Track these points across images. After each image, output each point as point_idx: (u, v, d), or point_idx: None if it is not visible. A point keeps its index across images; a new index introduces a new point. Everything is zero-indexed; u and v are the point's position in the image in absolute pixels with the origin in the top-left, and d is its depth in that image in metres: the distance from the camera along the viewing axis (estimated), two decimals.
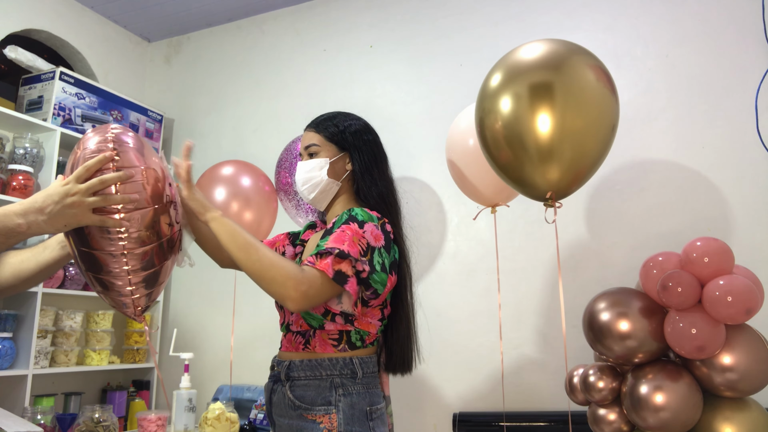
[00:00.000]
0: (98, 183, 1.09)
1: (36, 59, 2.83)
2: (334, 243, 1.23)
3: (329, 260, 1.21)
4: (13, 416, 1.34)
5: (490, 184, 2.00)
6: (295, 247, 1.56)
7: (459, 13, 2.81)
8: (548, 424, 2.23)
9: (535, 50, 1.57)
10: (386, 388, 1.49)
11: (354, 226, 1.27)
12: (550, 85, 1.49)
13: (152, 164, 1.17)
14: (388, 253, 1.31)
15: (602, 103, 1.52)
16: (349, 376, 1.29)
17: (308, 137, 1.46)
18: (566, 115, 1.47)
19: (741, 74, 2.25)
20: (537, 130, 1.48)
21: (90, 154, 1.11)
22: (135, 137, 1.18)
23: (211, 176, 2.33)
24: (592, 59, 1.56)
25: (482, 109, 1.63)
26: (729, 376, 1.57)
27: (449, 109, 2.56)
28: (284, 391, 1.31)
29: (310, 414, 1.26)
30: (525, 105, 1.51)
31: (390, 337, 1.40)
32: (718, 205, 2.21)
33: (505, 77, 1.57)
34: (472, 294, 2.53)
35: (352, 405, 1.28)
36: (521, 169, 1.56)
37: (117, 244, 1.10)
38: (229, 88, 3.34)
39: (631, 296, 1.74)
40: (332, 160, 1.42)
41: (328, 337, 1.31)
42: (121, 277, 1.12)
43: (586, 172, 1.57)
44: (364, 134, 1.46)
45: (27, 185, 2.57)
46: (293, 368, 1.31)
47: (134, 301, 1.15)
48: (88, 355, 2.78)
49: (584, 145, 1.51)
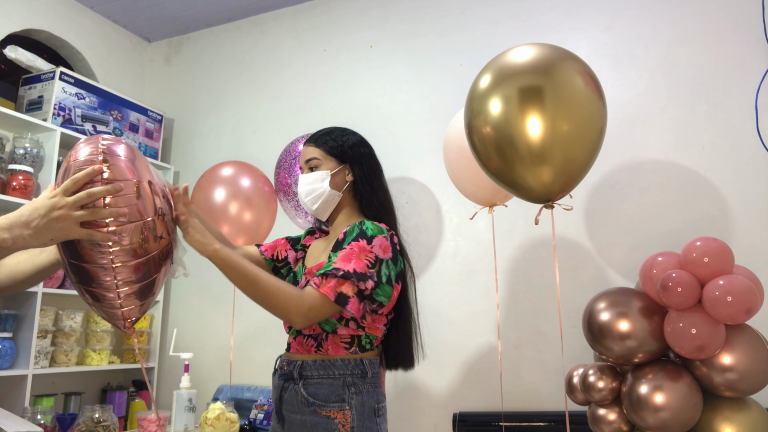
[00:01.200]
0: (86, 196, 1.06)
1: (36, 59, 2.84)
2: (341, 263, 1.30)
3: (332, 283, 1.28)
4: (13, 416, 1.34)
5: (487, 184, 2.00)
6: (296, 252, 1.62)
7: (459, 13, 2.81)
8: (548, 424, 2.23)
9: (525, 54, 1.58)
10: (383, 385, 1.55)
11: (362, 242, 1.34)
12: (540, 88, 1.51)
13: (145, 175, 1.15)
14: (395, 265, 1.38)
15: (591, 107, 1.54)
16: (360, 375, 1.38)
17: (308, 152, 1.52)
18: (557, 118, 1.49)
19: (741, 74, 2.25)
20: (527, 133, 1.50)
21: (80, 165, 1.08)
22: (127, 148, 1.15)
23: (210, 177, 2.33)
24: (580, 65, 1.58)
25: (471, 110, 1.64)
26: (729, 376, 1.57)
27: (449, 109, 2.56)
28: (297, 389, 1.37)
29: (324, 410, 1.34)
30: (515, 107, 1.52)
31: (393, 335, 1.46)
32: (718, 205, 2.21)
33: (495, 79, 1.58)
34: (472, 294, 2.52)
35: (363, 402, 1.36)
36: (512, 172, 1.57)
37: (107, 257, 1.07)
38: (229, 88, 3.34)
39: (631, 296, 1.74)
40: (333, 172, 1.49)
41: (341, 340, 1.38)
42: (112, 289, 1.10)
43: (578, 174, 1.58)
44: (361, 147, 1.54)
45: (27, 185, 2.57)
46: (306, 368, 1.38)
47: (124, 314, 1.13)
48: (88, 355, 2.78)
49: (575, 149, 1.53)
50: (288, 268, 1.61)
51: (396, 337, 1.46)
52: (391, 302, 1.38)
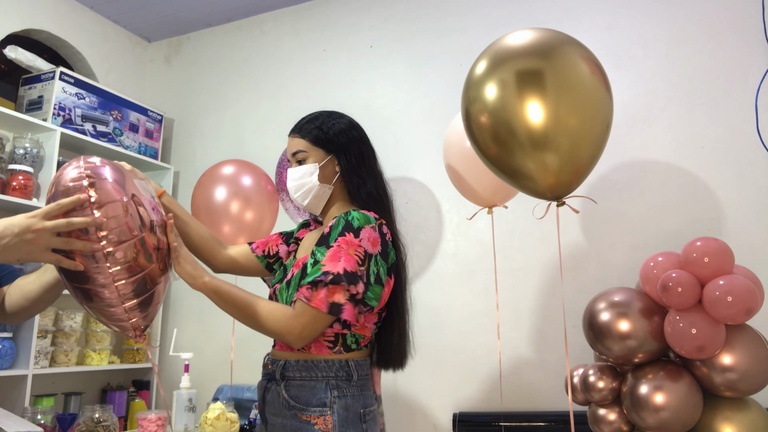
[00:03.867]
0: (65, 225, 1.04)
1: (36, 59, 2.83)
2: (329, 264, 1.23)
3: (323, 294, 1.22)
4: (13, 416, 1.35)
5: (486, 185, 2.00)
6: (288, 246, 1.55)
7: (459, 13, 2.81)
8: (547, 424, 2.23)
9: (522, 37, 1.52)
10: (377, 388, 1.48)
11: (349, 236, 1.26)
12: (540, 72, 1.44)
13: (132, 192, 1.14)
14: (386, 260, 1.31)
15: (597, 96, 1.47)
16: (345, 378, 1.30)
17: (294, 143, 1.43)
18: (560, 104, 1.42)
19: (741, 74, 2.25)
20: (527, 119, 1.42)
21: (66, 189, 1.07)
22: (113, 168, 1.14)
23: (212, 176, 2.33)
24: (585, 51, 1.51)
25: (467, 98, 1.57)
26: (729, 376, 1.57)
27: (449, 110, 2.56)
28: (279, 390, 1.32)
29: (304, 414, 1.27)
30: (512, 92, 1.45)
31: (385, 335, 1.39)
32: (718, 205, 2.21)
33: (491, 64, 1.51)
34: (472, 294, 2.53)
35: (347, 407, 1.28)
36: (511, 160, 1.50)
37: (108, 277, 1.08)
38: (229, 88, 3.34)
39: (631, 296, 1.74)
40: (321, 164, 1.41)
41: (324, 338, 1.31)
42: (116, 305, 1.11)
43: (587, 165, 1.51)
44: (348, 132, 1.44)
45: (27, 185, 2.57)
46: (288, 368, 1.32)
47: (133, 324, 1.15)
48: (88, 355, 2.78)
49: (581, 139, 1.45)
50: (279, 263, 1.54)
51: (389, 335, 1.39)
52: (382, 301, 1.31)
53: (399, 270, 1.39)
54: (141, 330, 1.17)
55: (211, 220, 2.24)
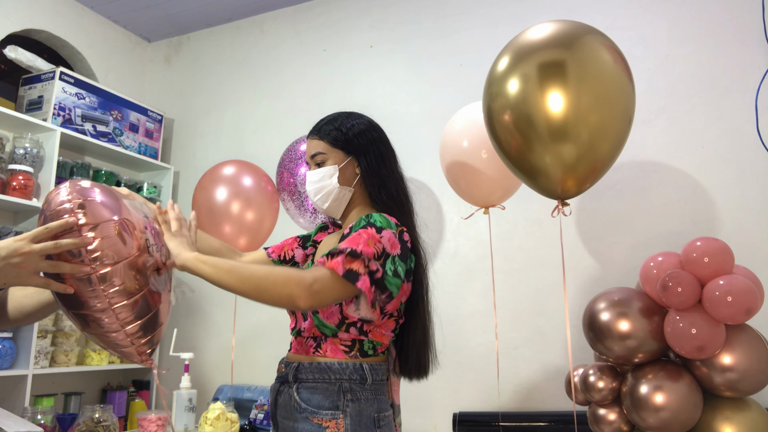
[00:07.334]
0: (52, 247, 1.02)
1: (36, 59, 2.83)
2: (347, 243, 1.20)
3: (340, 258, 1.17)
4: (13, 416, 1.34)
5: (482, 185, 2.00)
6: (305, 249, 1.52)
7: (459, 13, 2.81)
8: (548, 424, 2.23)
9: (544, 30, 1.50)
10: (396, 397, 1.42)
11: (371, 230, 1.22)
12: (562, 63, 1.41)
13: (124, 213, 1.12)
14: (404, 263, 1.27)
15: (620, 83, 1.45)
16: (359, 381, 1.26)
17: (313, 145, 1.40)
18: (581, 95, 1.39)
19: (741, 74, 2.25)
20: (547, 108, 1.39)
21: (55, 211, 1.05)
22: (103, 190, 1.12)
23: (212, 176, 2.33)
24: (607, 40, 1.49)
25: (489, 94, 1.55)
26: (729, 376, 1.57)
27: (449, 109, 2.55)
28: (291, 393, 1.28)
29: (316, 417, 1.23)
30: (534, 84, 1.42)
31: (406, 343, 1.36)
32: (718, 205, 2.21)
33: (513, 59, 1.49)
34: (472, 294, 2.53)
35: (360, 411, 1.25)
36: (531, 153, 1.47)
37: (104, 301, 1.06)
38: (229, 88, 3.34)
39: (631, 296, 1.74)
40: (341, 166, 1.37)
41: (341, 343, 1.28)
42: (117, 330, 1.08)
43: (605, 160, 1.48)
44: (368, 133, 1.40)
45: (27, 185, 2.57)
46: (302, 370, 1.28)
47: (138, 350, 1.13)
48: (88, 355, 2.78)
49: (601, 128, 1.42)
50: (296, 267, 1.50)
51: (408, 344, 1.35)
52: (399, 298, 1.28)
53: (420, 276, 1.36)
54: (147, 355, 1.14)
55: (212, 221, 2.24)
